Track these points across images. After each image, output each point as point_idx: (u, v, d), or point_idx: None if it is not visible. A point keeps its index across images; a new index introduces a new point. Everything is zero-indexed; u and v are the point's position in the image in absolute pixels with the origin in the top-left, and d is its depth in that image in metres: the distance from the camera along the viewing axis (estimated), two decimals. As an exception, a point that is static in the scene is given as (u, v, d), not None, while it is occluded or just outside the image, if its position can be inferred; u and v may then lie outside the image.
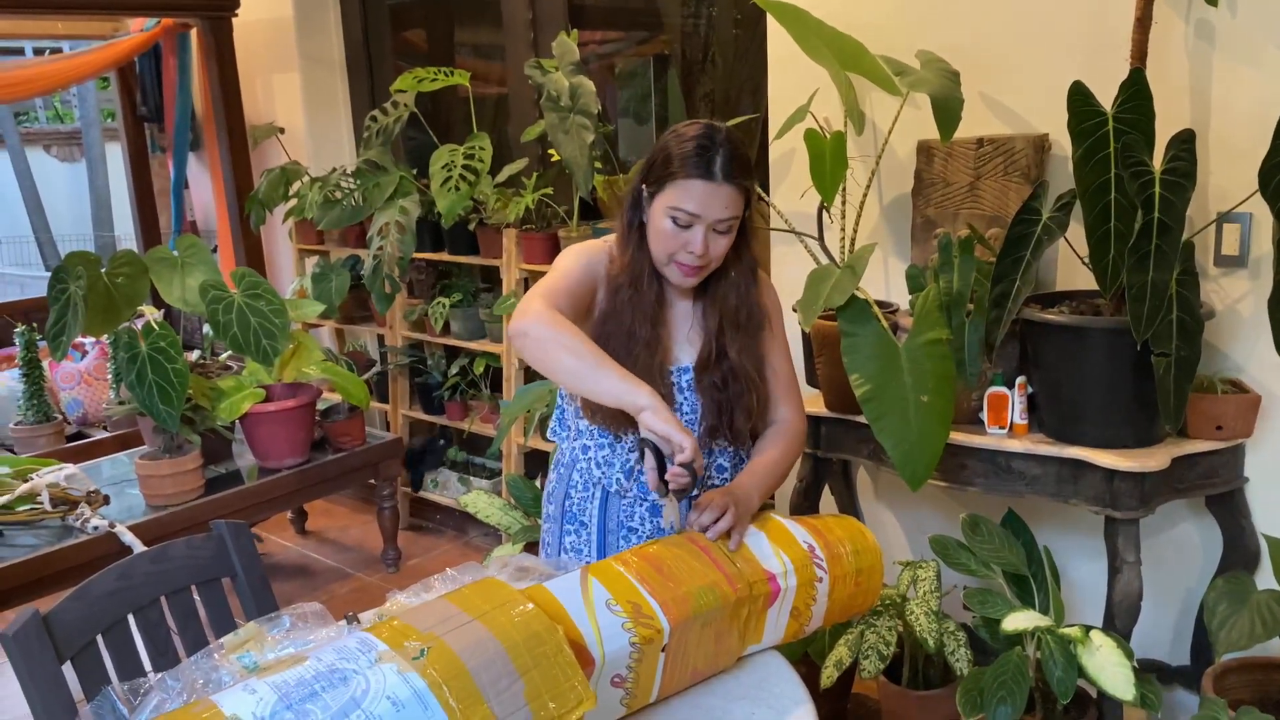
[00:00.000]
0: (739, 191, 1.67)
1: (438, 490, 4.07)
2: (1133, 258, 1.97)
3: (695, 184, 1.65)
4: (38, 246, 10.44)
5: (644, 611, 1.38)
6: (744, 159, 1.69)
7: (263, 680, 1.16)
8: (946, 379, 2.12)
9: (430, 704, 1.12)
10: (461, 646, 1.18)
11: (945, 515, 2.78)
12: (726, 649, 1.51)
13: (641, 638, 1.35)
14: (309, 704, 1.11)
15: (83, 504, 2.86)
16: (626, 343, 1.76)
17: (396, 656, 1.17)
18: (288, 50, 4.34)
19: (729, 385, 1.77)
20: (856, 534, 1.70)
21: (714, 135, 1.67)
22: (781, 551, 1.58)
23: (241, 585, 1.80)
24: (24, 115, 11.94)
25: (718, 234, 1.69)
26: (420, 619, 1.25)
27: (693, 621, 1.41)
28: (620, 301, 1.77)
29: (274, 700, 1.12)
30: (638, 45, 4.08)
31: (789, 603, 1.56)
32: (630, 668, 1.36)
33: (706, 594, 1.45)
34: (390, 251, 3.34)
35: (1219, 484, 2.29)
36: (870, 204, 2.68)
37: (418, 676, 1.14)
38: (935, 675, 2.48)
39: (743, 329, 1.79)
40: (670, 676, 1.43)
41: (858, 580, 1.65)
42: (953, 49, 2.48)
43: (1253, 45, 2.17)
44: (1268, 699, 2.15)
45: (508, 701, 1.16)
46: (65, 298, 2.84)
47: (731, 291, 1.79)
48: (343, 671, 1.15)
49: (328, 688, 1.13)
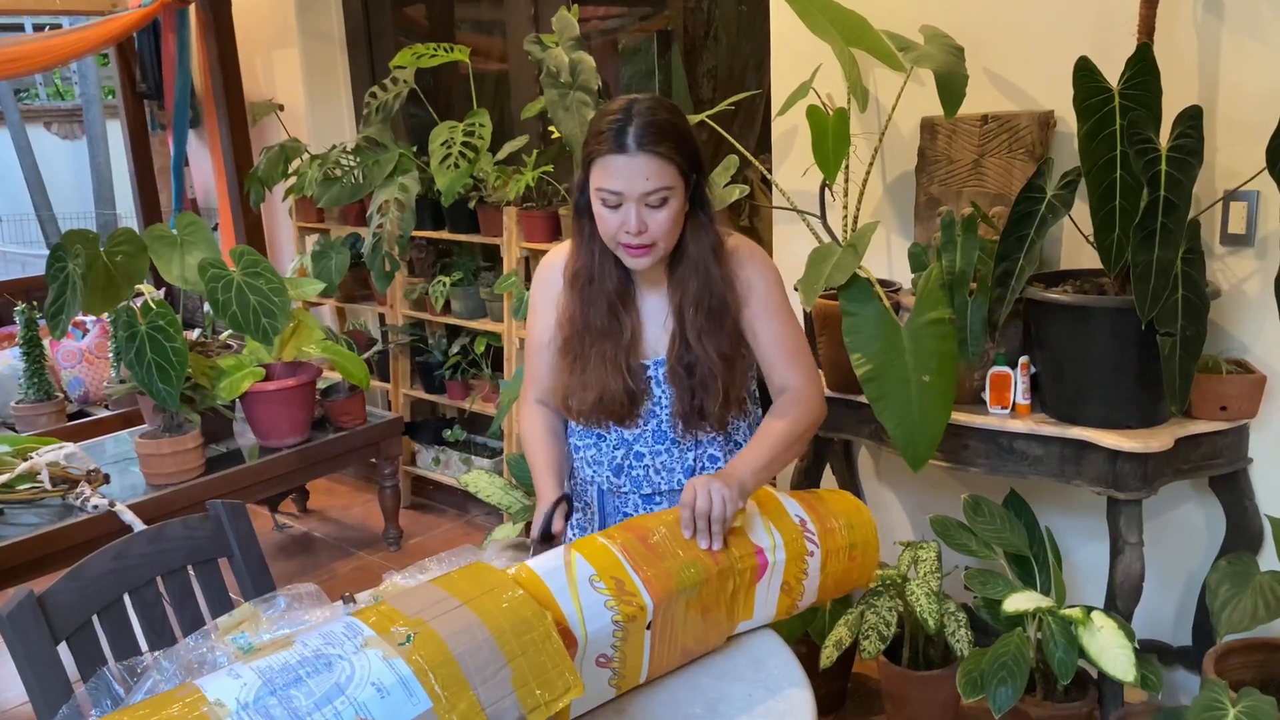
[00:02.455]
0: (659, 161, 1.59)
1: (439, 469, 4.06)
2: (1138, 236, 1.94)
3: (611, 159, 1.60)
4: (39, 224, 10.41)
5: (627, 588, 1.36)
6: (662, 126, 1.60)
7: (247, 665, 1.15)
8: (949, 359, 2.11)
9: (415, 690, 1.11)
10: (449, 633, 1.17)
11: (947, 496, 2.77)
12: (716, 626, 1.49)
13: (625, 615, 1.34)
14: (293, 689, 1.10)
15: (83, 483, 2.85)
16: (584, 336, 1.74)
17: (382, 642, 1.15)
18: (287, 26, 4.30)
19: (694, 372, 1.71)
20: (851, 508, 1.67)
21: (631, 107, 1.61)
22: (772, 525, 1.56)
23: (238, 565, 1.79)
24: (24, 92, 11.90)
25: (651, 209, 1.61)
26: (408, 604, 1.23)
27: (676, 597, 1.40)
28: (577, 295, 1.75)
29: (258, 685, 1.11)
30: (641, 21, 4.04)
31: (779, 577, 1.54)
32: (615, 647, 1.34)
33: (689, 569, 1.42)
34: (390, 229, 3.32)
35: (1223, 465, 2.28)
36: (873, 182, 2.66)
37: (403, 663, 1.13)
38: (936, 656, 2.48)
39: (705, 312, 1.71)
40: (659, 656, 1.41)
41: (851, 555, 1.63)
42: (957, 24, 2.45)
43: (1262, 20, 2.14)
44: (1270, 680, 2.14)
45: (494, 688, 1.15)
46: (64, 276, 2.83)
47: (691, 274, 1.71)
48: (328, 657, 1.14)
49: (312, 673, 1.12)
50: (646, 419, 1.78)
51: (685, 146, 1.64)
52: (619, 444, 1.80)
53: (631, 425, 1.78)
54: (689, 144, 1.65)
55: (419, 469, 4.14)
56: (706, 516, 1.47)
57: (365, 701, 1.09)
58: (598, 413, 1.76)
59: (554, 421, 1.87)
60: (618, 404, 1.74)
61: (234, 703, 1.09)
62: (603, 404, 1.74)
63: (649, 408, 1.77)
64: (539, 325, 1.84)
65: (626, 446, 1.80)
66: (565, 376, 1.78)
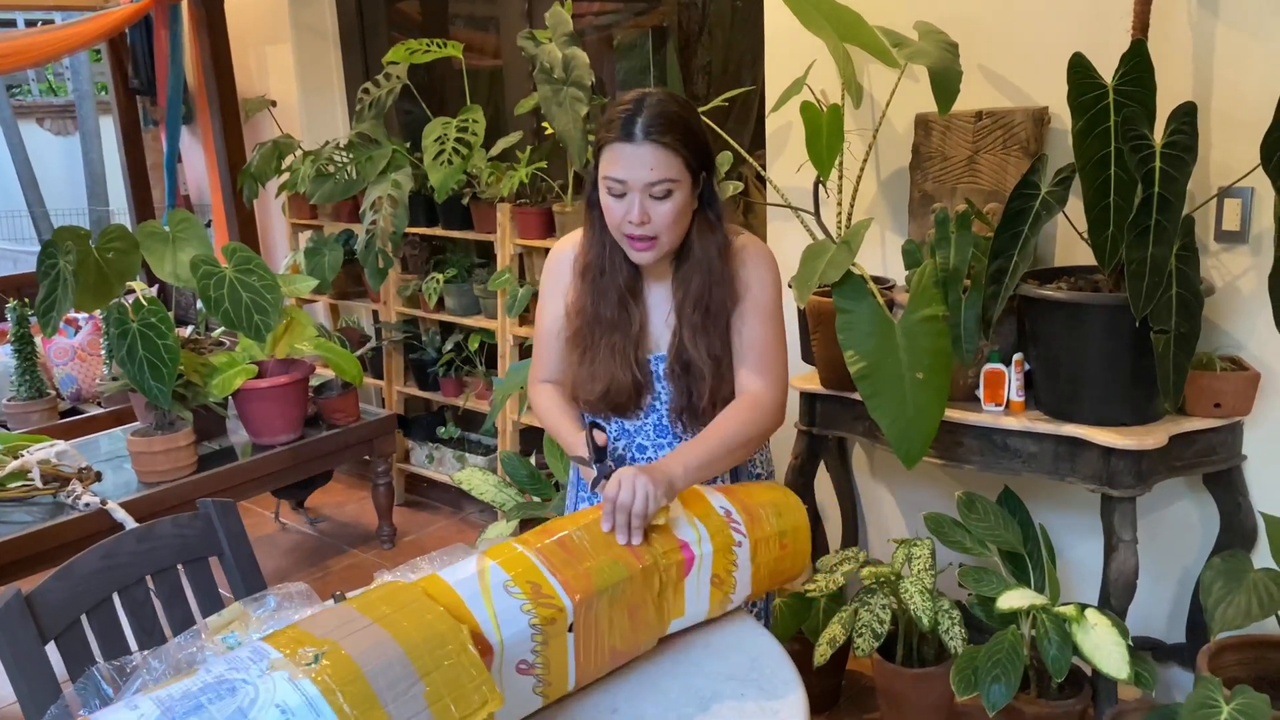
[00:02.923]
0: (664, 151, 1.58)
1: (433, 466, 4.05)
2: (1132, 233, 1.94)
3: (617, 147, 1.60)
4: (31, 220, 10.37)
5: (544, 591, 1.34)
6: (671, 117, 1.59)
7: (146, 695, 1.12)
8: (943, 356, 2.10)
9: (322, 710, 1.08)
10: (358, 651, 1.14)
11: (941, 493, 2.77)
12: (646, 626, 1.46)
13: (542, 618, 1.32)
14: (192, 717, 1.07)
15: (74, 481, 2.84)
16: (594, 328, 1.73)
17: (289, 663, 1.12)
18: (280, 21, 4.29)
19: (690, 370, 1.72)
20: (779, 495, 1.66)
21: (644, 99, 1.61)
22: (695, 518, 1.54)
23: (229, 564, 1.78)
24: (17, 88, 11.85)
25: (655, 200, 1.61)
26: (318, 625, 1.20)
27: (598, 597, 1.37)
28: (588, 287, 1.75)
29: (156, 715, 1.07)
30: (635, 17, 4.03)
31: (708, 570, 1.52)
32: (536, 652, 1.32)
33: (611, 568, 1.40)
34: (383, 226, 3.31)
35: (1217, 462, 2.27)
36: (867, 178, 2.65)
37: (310, 683, 1.10)
38: (930, 653, 2.48)
39: (702, 311, 1.70)
40: (585, 660, 1.39)
41: (782, 542, 1.61)
42: (951, 20, 2.44)
43: (1257, 16, 2.13)
44: (1263, 677, 2.14)
45: (407, 705, 1.12)
46: (55, 273, 2.82)
47: (695, 273, 1.70)
48: (231, 682, 1.11)
49: (214, 699, 1.09)
50: (648, 412, 1.78)
51: (693, 141, 1.63)
52: (620, 434, 1.80)
53: (634, 417, 1.79)
54: (697, 139, 1.64)
55: (413, 466, 4.13)
56: (627, 511, 1.45)
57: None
58: (604, 404, 1.76)
59: (566, 396, 1.85)
60: (624, 396, 1.75)
61: None
62: (609, 396, 1.75)
63: (650, 401, 1.78)
64: (548, 314, 1.84)
65: (628, 438, 1.81)
66: (574, 367, 1.78)
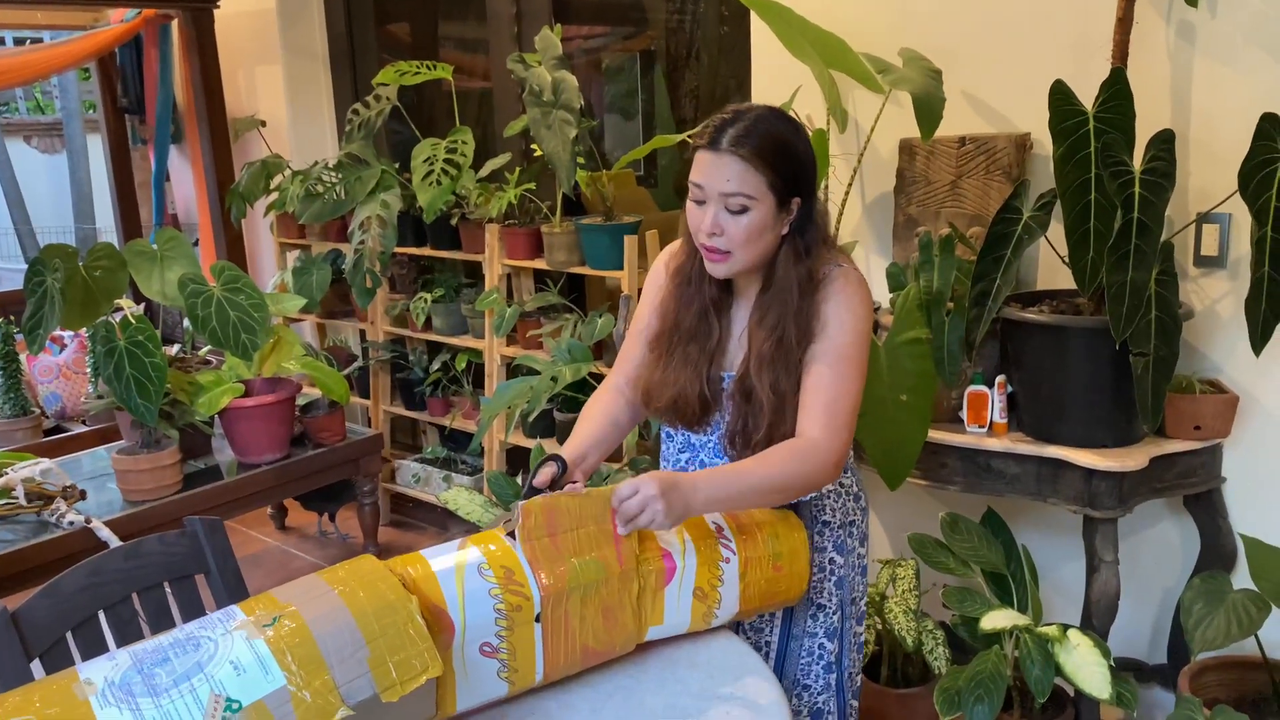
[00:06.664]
0: (745, 166, 1.54)
1: (419, 486, 4.05)
2: (1112, 257, 1.97)
3: (703, 154, 1.59)
4: (18, 238, 10.32)
5: (515, 578, 1.38)
6: (763, 135, 1.55)
7: (125, 649, 1.24)
8: (926, 378, 2.13)
9: (271, 668, 1.18)
10: (313, 616, 1.24)
11: (925, 514, 2.78)
12: (622, 629, 1.47)
13: (509, 604, 1.36)
14: (158, 668, 1.19)
15: (59, 499, 2.83)
16: (673, 335, 1.72)
17: (249, 624, 1.23)
18: (270, 42, 4.30)
19: (751, 398, 1.66)
20: (779, 518, 1.65)
21: (745, 111, 1.58)
22: (683, 530, 1.55)
23: (215, 582, 1.78)
24: (4, 106, 11.83)
25: (731, 214, 1.57)
26: (286, 593, 1.30)
27: (569, 593, 1.40)
28: (676, 292, 1.74)
29: (128, 665, 1.19)
30: (624, 41, 4.07)
31: (690, 582, 1.52)
32: (501, 637, 1.36)
33: (589, 567, 1.42)
34: (371, 246, 3.32)
35: (1197, 484, 2.30)
36: (852, 202, 2.68)
37: (263, 643, 1.20)
38: (914, 673, 2.49)
39: (776, 344, 1.63)
40: (554, 653, 1.41)
41: (776, 564, 1.60)
42: (935, 47, 2.48)
43: (1233, 46, 2.18)
44: (1243, 698, 2.16)
45: (350, 668, 1.21)
46: (42, 290, 2.81)
47: (774, 301, 1.64)
48: (197, 639, 1.22)
49: (180, 653, 1.20)
50: (714, 428, 1.75)
51: (784, 163, 1.57)
52: (684, 446, 1.79)
53: (700, 431, 1.76)
54: (791, 162, 1.58)
55: (399, 486, 4.12)
56: (626, 517, 1.47)
57: (222, 679, 1.16)
58: (671, 413, 1.74)
59: (618, 409, 1.82)
60: (690, 409, 1.71)
61: (102, 680, 1.17)
62: (676, 406, 1.72)
63: (717, 419, 1.74)
64: (642, 315, 1.82)
65: (692, 451, 1.79)
66: (649, 370, 1.77)
